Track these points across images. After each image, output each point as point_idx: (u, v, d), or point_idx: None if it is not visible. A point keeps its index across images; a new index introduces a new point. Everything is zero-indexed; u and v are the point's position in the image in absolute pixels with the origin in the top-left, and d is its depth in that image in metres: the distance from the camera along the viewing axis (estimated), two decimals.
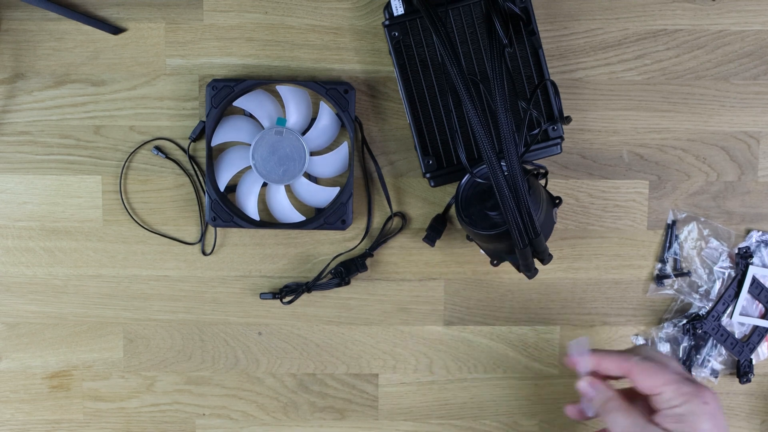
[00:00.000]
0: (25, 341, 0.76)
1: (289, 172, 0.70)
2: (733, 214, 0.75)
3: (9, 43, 0.74)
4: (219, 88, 0.71)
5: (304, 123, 0.72)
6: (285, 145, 0.70)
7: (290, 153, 0.70)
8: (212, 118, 0.71)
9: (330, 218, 0.72)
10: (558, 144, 0.71)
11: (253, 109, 0.72)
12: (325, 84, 0.71)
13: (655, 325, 0.76)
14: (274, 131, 0.70)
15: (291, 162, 0.70)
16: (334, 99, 0.71)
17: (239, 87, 0.71)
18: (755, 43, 0.74)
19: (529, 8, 0.69)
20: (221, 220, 0.71)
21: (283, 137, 0.70)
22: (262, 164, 0.70)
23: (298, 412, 0.77)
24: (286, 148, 0.70)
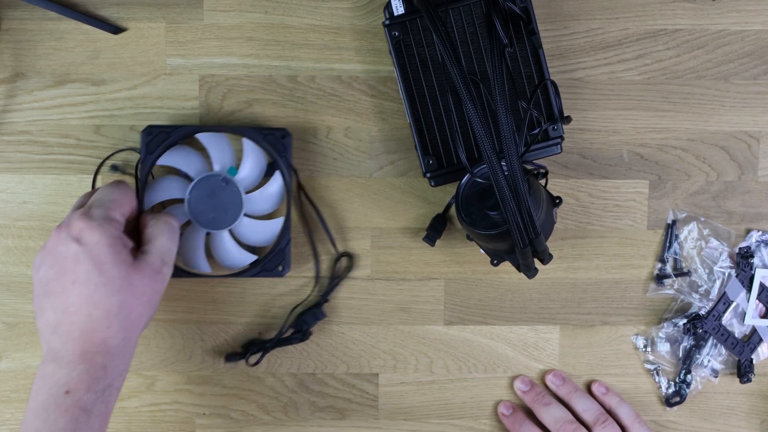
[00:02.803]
0: (25, 341, 0.76)
1: (218, 221, 0.69)
2: (733, 213, 0.75)
3: (9, 42, 0.74)
4: (155, 134, 0.69)
5: (257, 178, 0.71)
6: (226, 194, 0.68)
7: (226, 205, 0.68)
8: (146, 165, 0.70)
9: (268, 265, 0.71)
10: (558, 144, 0.71)
11: (211, 149, 0.70)
12: (262, 129, 0.70)
13: (655, 325, 0.76)
14: (221, 177, 0.69)
15: (223, 213, 0.69)
16: (272, 144, 0.70)
17: (176, 133, 0.70)
18: (755, 43, 0.74)
19: (529, 8, 0.69)
20: None
21: (226, 186, 0.68)
22: (196, 203, 0.68)
23: (298, 411, 0.77)
24: (225, 199, 0.68)
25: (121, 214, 0.63)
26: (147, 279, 0.61)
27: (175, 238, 0.65)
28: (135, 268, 0.60)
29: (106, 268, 0.59)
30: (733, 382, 0.77)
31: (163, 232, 0.64)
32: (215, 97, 0.74)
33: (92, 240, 0.59)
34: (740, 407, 0.77)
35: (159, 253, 0.63)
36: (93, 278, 0.59)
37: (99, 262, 0.59)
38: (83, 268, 0.59)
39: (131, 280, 0.60)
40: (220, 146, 0.69)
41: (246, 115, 0.74)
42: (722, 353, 0.76)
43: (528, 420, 0.74)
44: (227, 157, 0.69)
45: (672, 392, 0.76)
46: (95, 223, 0.59)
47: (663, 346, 0.76)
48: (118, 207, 0.63)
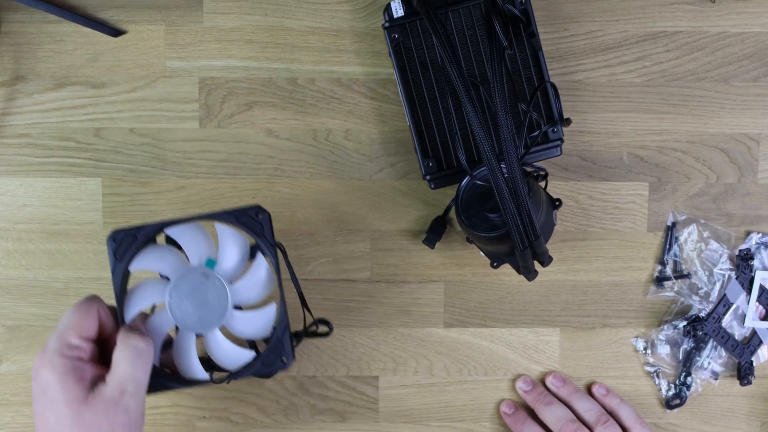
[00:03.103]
0: (25, 344, 0.76)
1: (205, 321, 0.60)
2: (733, 216, 0.75)
3: (9, 45, 0.74)
4: (120, 239, 0.61)
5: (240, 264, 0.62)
6: (209, 290, 0.60)
7: (211, 301, 0.60)
8: (118, 273, 0.61)
9: (268, 360, 0.61)
10: (558, 146, 0.71)
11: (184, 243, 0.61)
12: (234, 212, 0.61)
13: (655, 327, 0.76)
14: (200, 272, 0.60)
15: (209, 311, 0.60)
16: (247, 226, 0.61)
17: (142, 234, 0.61)
18: (755, 45, 0.74)
19: (528, 10, 0.69)
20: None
21: (208, 281, 0.60)
22: (178, 306, 0.59)
23: (298, 414, 0.76)
24: (209, 294, 0.60)
25: (82, 337, 0.58)
26: (102, 413, 0.56)
27: (142, 361, 0.58)
28: (87, 404, 0.55)
29: (56, 408, 0.56)
30: (733, 385, 0.77)
31: (125, 358, 0.57)
32: (215, 99, 0.74)
33: (43, 378, 0.56)
34: (740, 409, 0.77)
35: (117, 383, 0.56)
36: (46, 416, 0.56)
37: (50, 401, 0.56)
38: (38, 406, 0.57)
39: (82, 417, 0.55)
40: (193, 238, 0.61)
41: (245, 118, 0.74)
42: (722, 355, 0.76)
43: (530, 419, 0.74)
44: (203, 248, 0.61)
45: (672, 394, 0.76)
46: (47, 358, 0.56)
47: (663, 348, 0.76)
48: (77, 330, 0.58)
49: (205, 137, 0.75)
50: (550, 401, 0.74)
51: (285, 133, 0.75)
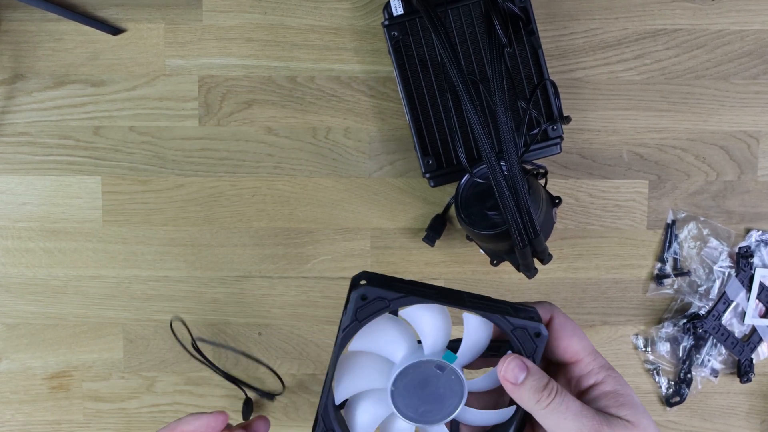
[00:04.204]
0: (25, 342, 0.76)
1: (430, 415, 0.50)
2: (732, 213, 0.75)
3: (8, 43, 0.74)
4: (371, 298, 0.49)
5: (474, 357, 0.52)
6: (441, 383, 0.50)
7: (442, 395, 0.50)
8: (348, 335, 0.49)
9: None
10: (558, 144, 0.71)
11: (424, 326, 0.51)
12: (512, 320, 0.49)
13: (655, 325, 0.76)
14: (435, 364, 0.50)
15: (438, 405, 0.50)
16: (520, 341, 0.49)
17: (394, 304, 0.49)
18: (755, 43, 0.74)
19: (528, 8, 0.69)
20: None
21: (442, 374, 0.50)
22: (402, 395, 0.50)
23: (298, 412, 0.76)
24: (440, 388, 0.50)
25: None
26: None
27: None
28: None
29: None
30: (733, 382, 0.77)
31: None
32: (214, 97, 0.74)
33: None
34: (740, 407, 0.77)
35: None
36: None
37: None
38: None
39: None
40: (436, 323, 0.51)
41: (245, 116, 0.74)
42: (722, 353, 0.76)
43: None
44: (443, 336, 0.51)
45: (672, 392, 0.76)
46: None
47: (663, 345, 0.76)
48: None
49: (205, 135, 0.75)
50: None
51: (284, 131, 0.75)
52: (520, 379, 0.47)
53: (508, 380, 0.47)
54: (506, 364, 0.47)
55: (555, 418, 0.45)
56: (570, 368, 0.49)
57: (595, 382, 0.48)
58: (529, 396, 0.46)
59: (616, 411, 0.46)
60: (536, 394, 0.46)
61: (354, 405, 0.51)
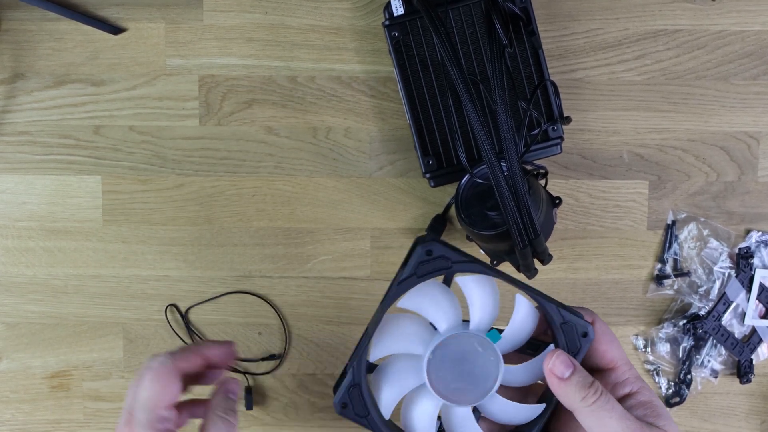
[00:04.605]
0: (25, 341, 0.76)
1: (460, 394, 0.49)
2: (732, 214, 0.75)
3: (9, 43, 0.74)
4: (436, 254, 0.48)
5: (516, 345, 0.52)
6: (478, 362, 0.49)
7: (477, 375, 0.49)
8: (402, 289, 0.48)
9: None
10: (558, 144, 0.71)
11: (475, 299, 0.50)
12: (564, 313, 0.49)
13: (655, 325, 0.76)
14: (477, 340, 0.49)
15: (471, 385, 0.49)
16: (566, 338, 0.49)
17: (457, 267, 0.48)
18: (755, 44, 0.74)
19: (529, 8, 0.69)
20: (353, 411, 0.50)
21: (482, 352, 0.49)
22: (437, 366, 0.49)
23: (298, 412, 0.76)
24: (476, 367, 0.49)
25: (170, 407, 0.56)
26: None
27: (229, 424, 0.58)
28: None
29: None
30: (732, 383, 0.77)
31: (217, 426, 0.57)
32: (215, 97, 0.74)
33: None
34: (740, 407, 0.77)
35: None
36: None
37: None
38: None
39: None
40: (487, 299, 0.50)
41: (245, 116, 0.74)
42: (722, 353, 0.76)
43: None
44: (490, 314, 0.51)
45: (672, 392, 0.76)
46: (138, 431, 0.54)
47: (663, 346, 0.76)
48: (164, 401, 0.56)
49: (205, 135, 0.75)
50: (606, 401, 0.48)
51: (285, 131, 0.75)
52: (566, 375, 0.46)
53: (554, 374, 0.47)
54: (554, 358, 0.47)
55: (599, 416, 0.45)
56: (606, 374, 0.48)
57: (631, 391, 0.48)
58: (576, 392, 0.46)
59: (654, 420, 0.46)
60: (583, 390, 0.45)
61: (384, 370, 0.50)
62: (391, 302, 0.49)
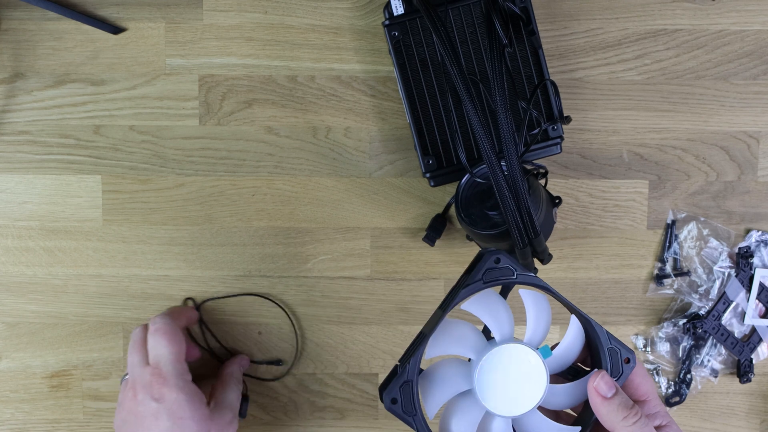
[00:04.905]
0: (25, 341, 0.76)
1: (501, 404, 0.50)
2: (732, 213, 0.75)
3: (8, 42, 0.74)
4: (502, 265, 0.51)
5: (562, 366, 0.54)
6: (525, 376, 0.50)
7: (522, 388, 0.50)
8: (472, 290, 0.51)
9: None
10: (558, 144, 0.71)
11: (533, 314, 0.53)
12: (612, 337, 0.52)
13: (655, 325, 0.76)
14: (528, 353, 0.50)
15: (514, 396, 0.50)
16: (611, 361, 0.52)
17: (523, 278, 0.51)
18: (755, 43, 0.74)
19: (528, 8, 0.69)
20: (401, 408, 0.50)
21: (531, 366, 0.50)
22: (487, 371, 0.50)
23: (298, 411, 0.77)
24: (522, 380, 0.50)
25: (188, 362, 0.67)
26: (222, 430, 0.67)
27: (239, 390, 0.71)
28: (212, 420, 0.66)
29: (185, 423, 0.63)
30: (732, 382, 0.77)
31: (232, 389, 0.70)
32: (215, 97, 0.74)
33: (171, 398, 0.63)
34: (740, 407, 0.77)
35: (231, 408, 0.68)
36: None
37: (179, 418, 0.63)
38: (163, 425, 0.63)
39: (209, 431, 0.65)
40: (543, 316, 0.53)
41: (245, 116, 0.74)
42: (722, 353, 0.76)
43: None
44: (542, 329, 0.53)
45: (672, 392, 0.76)
46: (172, 382, 0.64)
47: (663, 345, 0.76)
48: (182, 355, 0.66)
49: (205, 135, 0.75)
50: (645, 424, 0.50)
51: (285, 131, 0.75)
52: (610, 394, 0.49)
53: (599, 392, 0.50)
54: (599, 378, 0.50)
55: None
56: (639, 405, 0.51)
57: (661, 424, 0.51)
58: (618, 411, 0.49)
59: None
60: (624, 411, 0.49)
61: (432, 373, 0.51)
62: (454, 305, 0.51)
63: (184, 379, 0.65)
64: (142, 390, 0.64)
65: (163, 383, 0.63)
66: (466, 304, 0.51)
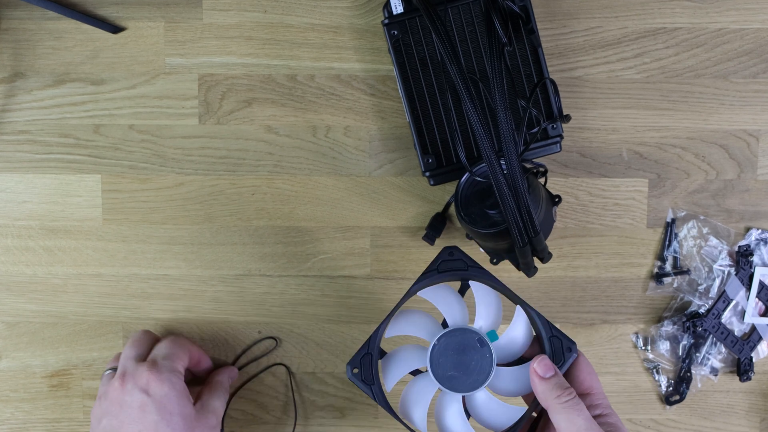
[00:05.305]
0: (24, 340, 0.76)
1: (454, 382, 0.56)
2: (732, 212, 0.75)
3: (8, 42, 0.74)
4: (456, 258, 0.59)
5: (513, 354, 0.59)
6: (474, 357, 0.56)
7: (471, 369, 0.56)
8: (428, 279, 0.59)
9: None
10: (557, 142, 0.71)
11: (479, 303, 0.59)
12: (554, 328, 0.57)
13: (655, 323, 0.76)
14: (477, 337, 0.57)
15: (464, 376, 0.56)
16: (553, 349, 0.57)
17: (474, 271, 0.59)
18: (754, 41, 0.74)
19: (528, 7, 0.69)
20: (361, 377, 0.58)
21: (480, 349, 0.56)
22: (440, 352, 0.57)
23: (298, 411, 0.76)
24: (472, 361, 0.56)
25: (183, 366, 0.68)
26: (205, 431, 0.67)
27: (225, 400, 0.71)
28: (197, 421, 0.66)
29: (173, 420, 0.63)
30: (732, 381, 0.77)
31: (219, 397, 0.70)
32: (214, 96, 0.74)
33: (161, 392, 0.63)
34: (740, 405, 0.77)
35: (215, 414, 0.68)
36: (160, 428, 0.63)
37: (167, 413, 0.63)
38: (150, 418, 0.63)
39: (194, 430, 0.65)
40: (491, 303, 0.59)
41: (245, 115, 0.74)
42: (722, 351, 0.76)
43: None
44: (494, 317, 0.59)
45: (671, 390, 0.76)
46: (164, 376, 0.64)
47: (662, 344, 0.76)
48: (181, 360, 0.68)
49: (205, 134, 0.75)
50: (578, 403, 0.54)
51: (284, 130, 0.75)
52: (548, 375, 0.54)
53: (537, 373, 0.55)
54: (539, 361, 0.55)
55: (568, 414, 0.52)
56: (582, 398, 0.55)
57: (602, 413, 0.54)
58: (552, 390, 0.53)
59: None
60: (558, 390, 0.53)
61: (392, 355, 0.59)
62: (413, 292, 0.59)
63: (177, 376, 0.65)
64: (132, 380, 0.64)
65: (155, 376, 0.64)
66: (422, 292, 0.59)
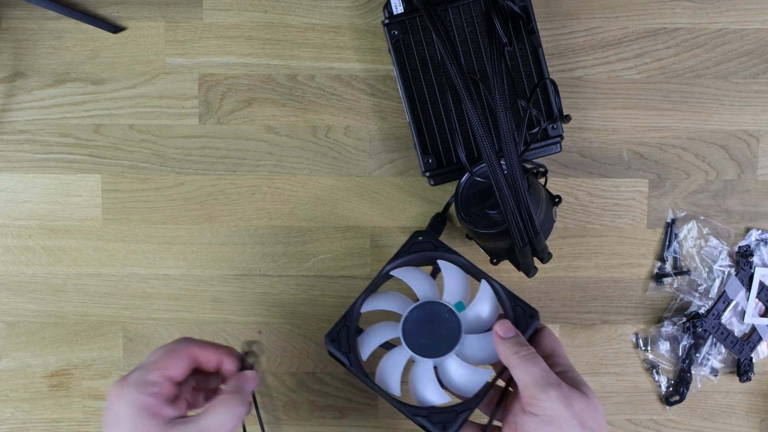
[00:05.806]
0: (24, 340, 0.76)
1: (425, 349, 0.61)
2: (732, 212, 0.75)
3: (8, 41, 0.74)
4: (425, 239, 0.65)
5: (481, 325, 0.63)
6: (444, 327, 0.61)
7: (441, 337, 0.61)
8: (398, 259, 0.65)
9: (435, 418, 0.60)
10: (557, 143, 0.71)
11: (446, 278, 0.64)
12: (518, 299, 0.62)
13: (655, 324, 0.76)
14: (447, 308, 0.62)
15: (435, 343, 0.61)
16: (516, 317, 0.62)
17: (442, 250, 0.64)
18: (755, 42, 0.74)
19: (528, 7, 0.69)
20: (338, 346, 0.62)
21: (448, 318, 0.61)
22: (412, 323, 0.62)
23: (297, 411, 0.77)
24: (442, 330, 0.61)
25: (164, 376, 0.58)
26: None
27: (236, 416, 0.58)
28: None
29: None
30: (732, 381, 0.77)
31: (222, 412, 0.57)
32: (214, 96, 0.74)
33: (117, 409, 0.56)
34: (740, 406, 0.77)
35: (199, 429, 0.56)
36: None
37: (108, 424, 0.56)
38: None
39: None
40: (457, 278, 0.64)
41: (245, 115, 0.74)
42: (722, 352, 0.76)
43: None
44: (460, 290, 0.63)
45: (671, 391, 0.76)
46: (124, 391, 0.56)
47: (662, 344, 0.76)
48: (161, 370, 0.58)
49: (205, 134, 0.75)
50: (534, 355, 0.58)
51: (284, 130, 0.75)
52: (508, 335, 0.59)
53: (499, 333, 0.59)
54: (501, 323, 0.59)
55: (526, 365, 0.56)
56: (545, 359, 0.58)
57: (563, 370, 0.58)
58: (511, 347, 0.57)
59: (576, 386, 0.56)
60: (517, 347, 0.57)
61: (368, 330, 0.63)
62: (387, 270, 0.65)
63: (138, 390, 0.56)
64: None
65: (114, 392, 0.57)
66: (395, 271, 0.65)
